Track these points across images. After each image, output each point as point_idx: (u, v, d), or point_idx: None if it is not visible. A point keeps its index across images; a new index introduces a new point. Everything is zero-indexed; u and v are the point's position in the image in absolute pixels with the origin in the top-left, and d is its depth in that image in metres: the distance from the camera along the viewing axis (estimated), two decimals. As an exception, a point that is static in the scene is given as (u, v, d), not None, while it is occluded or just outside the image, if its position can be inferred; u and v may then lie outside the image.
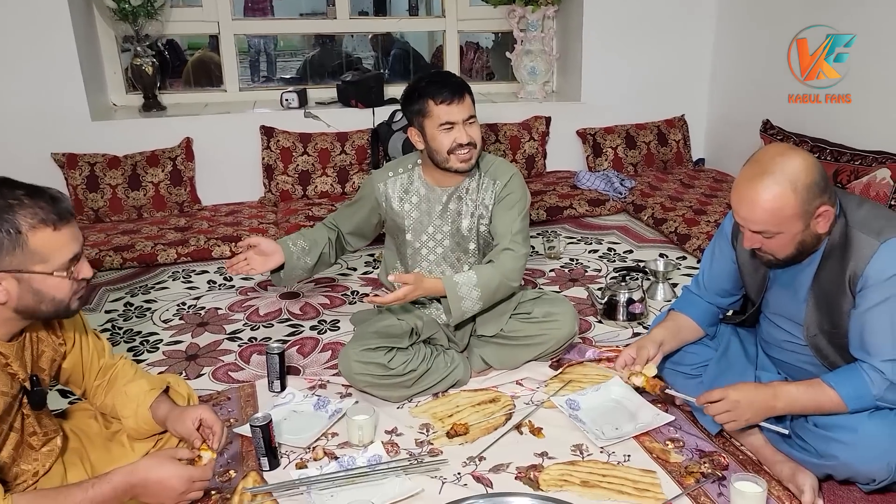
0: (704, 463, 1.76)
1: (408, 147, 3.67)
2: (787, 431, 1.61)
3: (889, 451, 1.47)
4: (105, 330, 2.63)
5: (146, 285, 3.04)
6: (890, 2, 2.84)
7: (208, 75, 4.81)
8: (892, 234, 1.48)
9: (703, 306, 1.91)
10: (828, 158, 3.15)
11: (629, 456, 1.81)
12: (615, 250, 3.30)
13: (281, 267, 2.21)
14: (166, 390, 1.64)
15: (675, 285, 2.82)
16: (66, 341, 1.54)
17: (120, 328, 2.65)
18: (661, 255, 3.12)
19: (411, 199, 2.20)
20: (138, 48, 3.81)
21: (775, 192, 1.47)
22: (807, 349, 1.69)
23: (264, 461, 1.80)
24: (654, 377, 1.83)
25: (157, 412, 1.57)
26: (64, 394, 2.16)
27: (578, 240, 3.45)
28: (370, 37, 5.81)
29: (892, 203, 2.83)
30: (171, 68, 4.96)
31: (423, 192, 2.20)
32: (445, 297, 2.04)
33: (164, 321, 2.71)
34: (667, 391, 1.84)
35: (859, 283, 1.50)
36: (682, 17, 4.18)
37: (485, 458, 1.82)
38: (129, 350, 2.48)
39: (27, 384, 1.42)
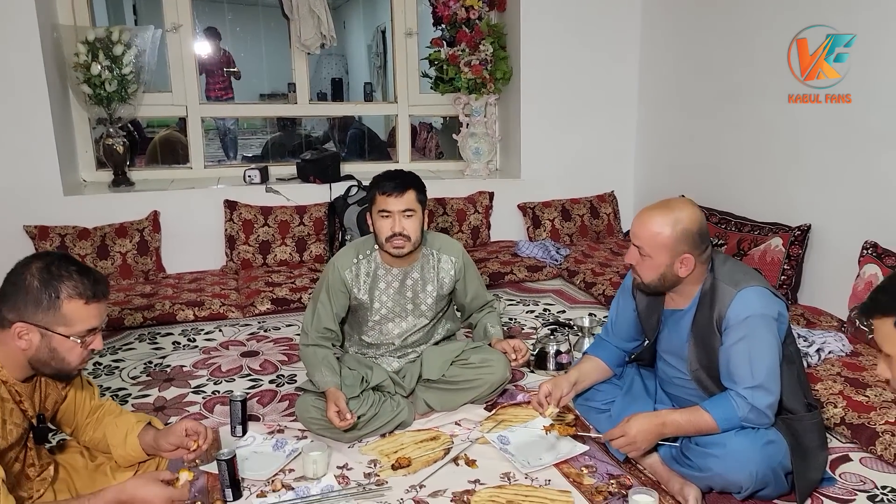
0: (612, 483, 2.05)
1: (362, 219, 4.00)
2: (677, 444, 1.93)
3: (751, 461, 1.78)
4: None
5: (113, 346, 3.24)
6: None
7: (174, 153, 5.11)
8: (746, 285, 1.85)
9: (612, 350, 2.25)
10: (733, 229, 3.59)
11: (549, 480, 2.09)
12: (550, 310, 3.64)
13: None
14: (149, 423, 1.89)
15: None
16: (67, 386, 1.79)
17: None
18: (590, 315, 3.46)
19: (373, 281, 2.50)
20: (111, 129, 4.11)
21: (660, 221, 1.88)
22: (692, 383, 2.02)
23: (228, 492, 2.02)
24: (567, 426, 2.16)
25: (144, 439, 1.82)
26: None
27: (518, 302, 3.79)
28: (329, 119, 6.23)
29: (785, 267, 3.25)
30: (137, 145, 5.25)
31: (381, 273, 2.50)
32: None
33: (132, 378, 2.92)
34: (577, 434, 2.17)
35: (723, 324, 1.86)
36: (609, 107, 4.69)
37: (425, 486, 2.08)
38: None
39: (34, 421, 1.66)
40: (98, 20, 4.59)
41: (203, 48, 6.00)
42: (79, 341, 1.59)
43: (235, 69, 6.32)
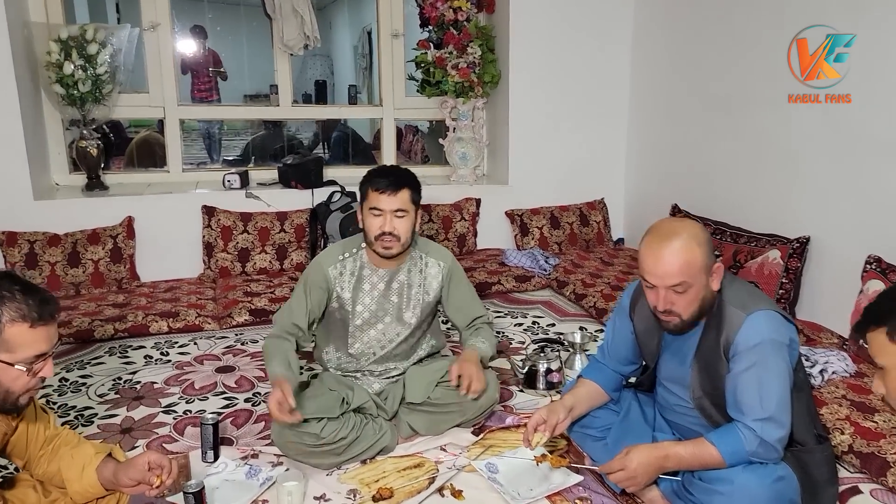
0: (608, 518, 1.92)
1: (345, 226, 3.86)
2: (679, 478, 1.80)
3: (759, 499, 1.66)
4: (39, 405, 2.66)
5: (82, 361, 3.08)
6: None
7: (152, 155, 4.94)
8: (755, 308, 1.72)
9: (608, 373, 2.12)
10: (728, 240, 3.47)
11: (541, 514, 1.96)
12: (539, 323, 3.52)
13: None
14: (109, 455, 1.73)
15: (591, 356, 3.02)
16: (17, 416, 1.63)
17: (54, 403, 2.69)
18: (581, 328, 3.34)
19: (357, 280, 2.37)
20: (84, 131, 3.94)
21: (684, 247, 1.70)
22: (694, 411, 1.89)
23: (196, 527, 1.87)
24: (560, 456, 2.03)
25: (103, 472, 1.66)
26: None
27: (505, 314, 3.65)
28: (316, 123, 6.09)
29: (783, 280, 3.14)
30: (114, 146, 5.07)
31: (366, 273, 2.38)
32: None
33: (100, 395, 2.76)
34: (572, 465, 2.03)
35: (731, 350, 1.73)
36: (599, 112, 4.57)
37: (408, 520, 1.94)
38: (64, 424, 2.51)
39: None
40: (79, 18, 4.44)
41: (188, 47, 5.85)
42: (24, 369, 1.44)
43: (222, 69, 6.18)
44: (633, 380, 2.19)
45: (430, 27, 4.42)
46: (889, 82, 2.79)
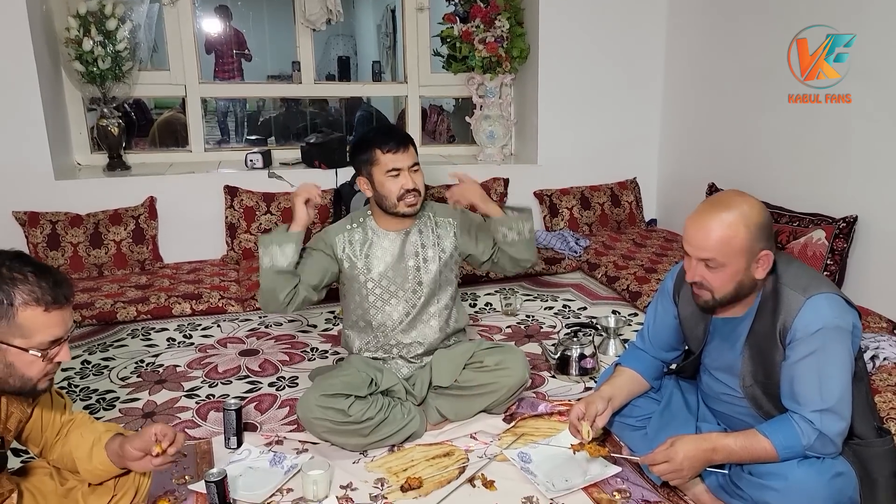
0: (650, 512, 1.82)
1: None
2: (727, 471, 1.69)
3: (816, 496, 1.55)
4: (61, 388, 2.60)
5: (104, 343, 3.03)
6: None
7: (175, 135, 4.88)
8: (816, 291, 1.59)
9: (648, 360, 2.00)
10: (768, 220, 3.32)
11: (578, 507, 1.86)
12: (570, 307, 3.40)
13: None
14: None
15: (625, 341, 2.92)
16: (33, 402, 1.56)
17: (76, 386, 2.64)
18: (614, 312, 3.23)
19: (370, 248, 2.31)
20: (105, 109, 3.88)
21: (729, 222, 1.58)
22: (744, 401, 1.77)
23: (218, 517, 1.81)
24: (599, 445, 1.90)
25: (112, 446, 1.58)
26: (16, 452, 2.14)
27: (535, 297, 3.55)
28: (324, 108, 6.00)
29: (828, 262, 2.99)
30: (137, 127, 5.02)
31: (377, 239, 2.31)
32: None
33: (122, 379, 2.70)
34: (610, 455, 1.91)
35: (788, 336, 1.61)
36: (632, 87, 4.41)
37: (438, 511, 1.86)
38: (85, 408, 2.47)
39: None
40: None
41: (212, 27, 5.76)
42: (39, 354, 1.36)
43: (246, 51, 6.10)
44: (673, 366, 2.07)
45: (457, 0, 4.28)
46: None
